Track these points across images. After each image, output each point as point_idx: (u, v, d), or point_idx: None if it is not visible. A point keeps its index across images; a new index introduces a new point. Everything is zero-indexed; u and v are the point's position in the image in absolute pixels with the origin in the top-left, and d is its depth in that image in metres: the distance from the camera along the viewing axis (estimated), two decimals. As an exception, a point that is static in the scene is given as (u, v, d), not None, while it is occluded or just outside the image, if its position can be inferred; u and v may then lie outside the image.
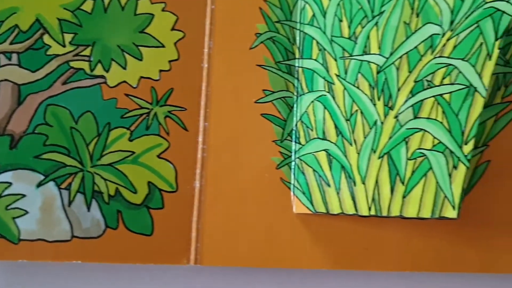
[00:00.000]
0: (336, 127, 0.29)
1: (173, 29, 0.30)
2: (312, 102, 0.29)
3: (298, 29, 0.30)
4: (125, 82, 0.29)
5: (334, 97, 0.29)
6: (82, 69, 0.29)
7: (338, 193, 0.28)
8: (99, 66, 0.29)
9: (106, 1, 0.29)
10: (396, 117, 0.27)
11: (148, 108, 0.29)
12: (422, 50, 0.27)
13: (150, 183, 0.28)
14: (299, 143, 0.29)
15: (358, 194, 0.28)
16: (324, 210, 0.28)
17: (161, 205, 0.28)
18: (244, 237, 0.29)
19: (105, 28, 0.29)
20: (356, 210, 0.28)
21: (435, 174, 0.26)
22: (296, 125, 0.30)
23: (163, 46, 0.29)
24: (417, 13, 0.28)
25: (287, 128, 0.30)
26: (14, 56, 0.28)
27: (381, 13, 0.28)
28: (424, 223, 0.29)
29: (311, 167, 0.29)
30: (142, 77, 0.29)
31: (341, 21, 0.29)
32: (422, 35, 0.27)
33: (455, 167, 0.26)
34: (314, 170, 0.29)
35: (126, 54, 0.29)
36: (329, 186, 0.28)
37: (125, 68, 0.29)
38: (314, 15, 0.30)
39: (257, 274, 0.30)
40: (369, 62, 0.28)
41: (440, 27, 0.27)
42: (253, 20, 0.30)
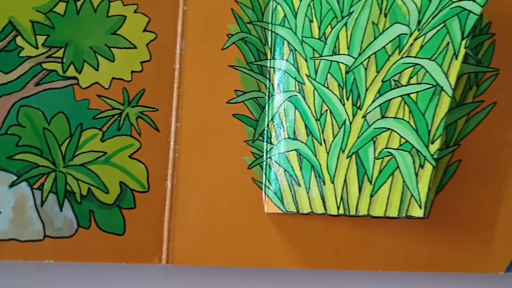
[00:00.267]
0: (306, 127, 0.29)
1: (145, 30, 0.30)
2: (283, 102, 0.30)
3: (269, 29, 0.31)
4: (97, 83, 0.29)
5: (304, 97, 0.29)
6: (55, 70, 0.29)
7: (308, 192, 0.29)
8: (72, 67, 0.29)
9: (79, 3, 0.30)
10: (364, 116, 0.28)
11: (120, 109, 0.29)
12: (389, 50, 0.28)
13: (122, 183, 0.29)
14: (271, 143, 0.30)
15: (327, 194, 0.28)
16: (294, 210, 0.29)
17: (133, 205, 0.29)
18: (215, 236, 0.29)
19: (77, 30, 0.30)
20: (325, 210, 0.28)
21: (402, 173, 0.27)
22: (267, 125, 0.30)
23: (135, 48, 0.30)
24: (385, 13, 0.28)
25: (259, 128, 0.30)
26: (-12, 58, 0.29)
27: (350, 13, 0.29)
28: (395, 222, 0.29)
29: (282, 167, 0.29)
30: (114, 78, 0.30)
31: (311, 21, 0.30)
32: (390, 35, 0.28)
33: (422, 166, 0.26)
34: (285, 170, 0.29)
35: (98, 56, 0.30)
36: (299, 185, 0.29)
37: (97, 69, 0.30)
38: (285, 16, 0.30)
39: (228, 274, 0.30)
40: (338, 62, 0.29)
41: (407, 27, 0.28)
42: (225, 21, 0.31)
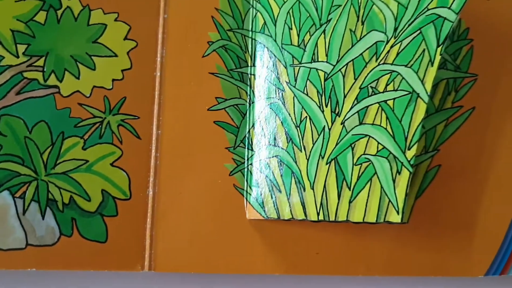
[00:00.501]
0: (286, 134, 0.30)
1: (125, 38, 0.31)
2: (263, 109, 0.30)
3: (250, 37, 0.32)
4: (78, 91, 0.30)
5: (284, 104, 0.30)
6: (36, 79, 0.30)
7: (288, 198, 0.29)
8: (53, 76, 0.30)
9: (59, 12, 0.30)
10: (342, 123, 0.28)
11: (101, 117, 0.30)
12: (367, 57, 0.29)
13: (104, 191, 0.29)
14: (252, 150, 0.30)
15: (307, 200, 0.29)
16: (275, 216, 0.29)
17: (115, 212, 0.29)
18: (197, 243, 0.30)
19: (58, 38, 0.30)
20: (305, 216, 0.29)
21: (380, 179, 0.27)
22: (248, 132, 0.31)
23: (116, 56, 0.31)
24: (362, 20, 0.29)
25: (240, 135, 0.31)
26: (-31, 67, 0.30)
27: (328, 21, 0.30)
28: (375, 227, 0.30)
29: (263, 174, 0.30)
30: (95, 86, 0.30)
31: (290, 29, 0.30)
32: (367, 42, 0.29)
33: (399, 172, 0.27)
34: (266, 176, 0.30)
35: (79, 64, 0.30)
36: (280, 192, 0.29)
37: (78, 78, 0.30)
38: (265, 23, 0.31)
39: (211, 280, 0.31)
40: (317, 69, 0.29)
41: (384, 34, 0.28)
42: (205, 28, 0.31)
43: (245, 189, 0.30)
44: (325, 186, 0.29)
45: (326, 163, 0.29)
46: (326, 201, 0.28)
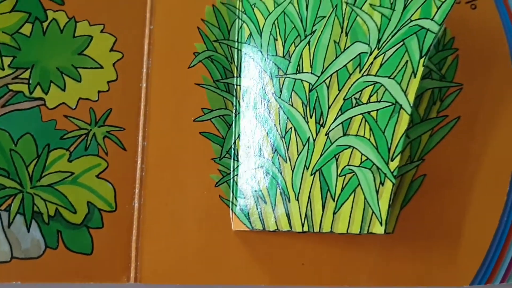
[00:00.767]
0: (272, 144, 0.30)
1: (111, 50, 0.31)
2: (249, 119, 0.31)
3: (236, 47, 0.32)
4: (64, 103, 0.30)
5: (270, 114, 0.30)
6: (21, 91, 0.30)
7: (274, 210, 0.29)
8: (38, 88, 0.30)
9: (45, 24, 0.31)
10: (327, 134, 0.29)
11: (87, 128, 0.30)
12: (351, 68, 0.29)
13: (89, 203, 0.30)
14: (238, 161, 0.31)
15: (292, 211, 0.29)
16: (260, 227, 0.30)
17: (100, 224, 0.30)
18: (183, 254, 0.30)
19: (44, 51, 0.30)
20: (290, 227, 0.29)
21: (363, 191, 0.28)
22: (234, 142, 0.31)
23: (102, 67, 0.31)
24: (346, 32, 0.29)
25: (226, 145, 0.31)
26: (-45, 79, 0.30)
27: (313, 32, 0.30)
28: (361, 237, 0.30)
29: (249, 185, 0.30)
30: (81, 98, 0.31)
31: (276, 40, 0.31)
32: (350, 54, 0.29)
33: (382, 184, 0.27)
34: (252, 188, 0.30)
35: (65, 76, 0.30)
36: (265, 203, 0.30)
37: (64, 90, 0.30)
38: (251, 34, 0.31)
39: (197, 291, 0.31)
40: (302, 80, 0.30)
41: (367, 46, 0.29)
42: (191, 39, 0.32)
43: (230, 200, 0.31)
44: (309, 197, 0.29)
45: (311, 174, 0.29)
46: (310, 212, 0.29)
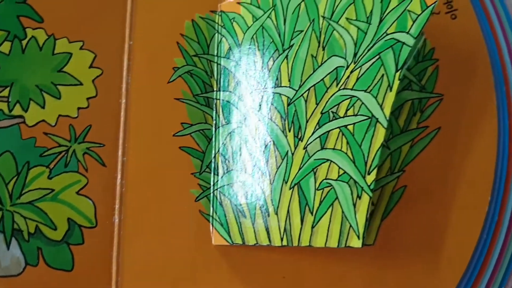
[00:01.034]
0: (251, 158, 0.30)
1: (91, 66, 0.32)
2: (229, 134, 0.31)
3: (215, 62, 0.32)
4: (43, 121, 0.31)
5: (249, 128, 0.31)
6: (1, 110, 0.31)
7: (253, 224, 0.30)
8: (18, 106, 0.31)
9: (24, 42, 0.31)
10: (305, 148, 0.29)
11: (66, 145, 0.31)
12: (328, 82, 0.29)
13: (70, 220, 0.30)
14: (218, 175, 0.31)
15: (271, 225, 0.29)
16: (240, 242, 0.30)
17: (81, 240, 0.30)
18: (164, 270, 0.30)
19: (23, 68, 0.31)
20: (269, 241, 0.29)
21: (341, 204, 0.28)
22: (214, 157, 0.31)
23: (81, 84, 0.31)
24: (323, 46, 0.30)
25: (206, 160, 0.32)
26: None
27: (290, 46, 0.30)
28: (341, 250, 0.31)
29: (229, 199, 0.31)
30: (60, 115, 0.31)
31: (254, 54, 0.31)
32: (327, 68, 0.29)
33: (359, 197, 0.28)
34: (231, 202, 0.31)
35: (44, 94, 0.31)
36: (245, 217, 0.30)
37: (43, 107, 0.31)
38: (230, 48, 0.32)
39: (178, 306, 0.32)
40: (280, 94, 0.30)
41: (344, 60, 0.29)
42: (170, 54, 0.32)
43: (211, 214, 0.31)
44: (288, 211, 0.29)
45: (290, 188, 0.29)
46: (289, 226, 0.29)
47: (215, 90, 0.32)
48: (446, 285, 0.31)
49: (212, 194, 0.31)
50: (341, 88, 0.29)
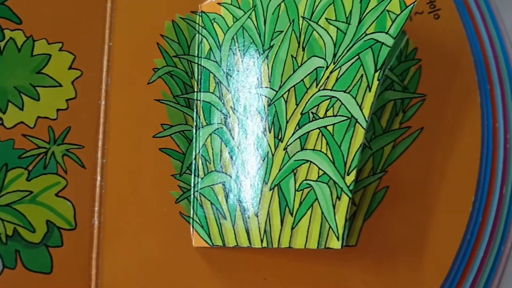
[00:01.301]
0: (231, 160, 0.31)
1: (70, 68, 0.32)
2: (210, 135, 0.32)
3: (196, 62, 0.33)
4: (22, 122, 0.31)
5: (230, 129, 0.31)
6: (-21, 111, 0.31)
7: (233, 225, 0.30)
8: (-4, 108, 0.31)
9: (2, 43, 0.31)
10: (285, 149, 0.30)
11: (45, 147, 0.31)
12: (308, 83, 0.30)
13: (48, 222, 0.30)
14: (198, 176, 0.31)
15: (251, 227, 0.30)
16: (220, 243, 0.30)
17: (60, 243, 0.30)
18: (144, 272, 0.31)
19: (1, 70, 0.31)
20: (249, 243, 0.30)
21: (321, 205, 0.28)
22: (195, 158, 0.32)
23: (61, 86, 0.32)
24: (303, 46, 0.30)
25: (186, 161, 0.32)
26: None
27: (271, 46, 0.31)
28: (322, 250, 0.31)
29: (209, 200, 0.31)
30: (39, 117, 0.31)
31: (235, 54, 0.32)
32: (307, 68, 0.30)
33: (339, 198, 0.28)
34: (212, 203, 0.31)
35: (23, 95, 0.31)
36: (225, 219, 0.30)
37: (22, 109, 0.31)
38: (210, 49, 0.32)
39: (159, 308, 0.32)
40: (260, 95, 0.30)
41: (324, 60, 0.29)
42: (150, 55, 0.33)
43: (191, 216, 0.31)
44: (268, 213, 0.30)
45: (270, 189, 0.30)
46: (269, 228, 0.29)
47: (196, 91, 0.33)
48: (429, 286, 0.31)
49: (192, 196, 0.32)
50: (320, 88, 0.30)
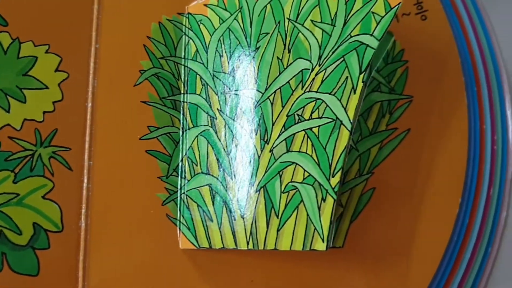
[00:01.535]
0: (218, 162, 0.31)
1: (57, 70, 0.32)
2: (196, 137, 0.32)
3: (182, 64, 0.33)
4: (8, 125, 0.31)
5: (216, 131, 0.31)
6: (-35, 114, 0.31)
7: (220, 228, 0.30)
8: (-18, 110, 0.31)
9: (-11, 45, 0.32)
10: (271, 150, 0.30)
11: (32, 149, 0.31)
12: (293, 84, 0.30)
13: (35, 224, 0.31)
14: (185, 178, 0.32)
15: (237, 228, 0.30)
16: (207, 245, 0.31)
17: (47, 245, 0.31)
18: (131, 274, 0.31)
19: (-13, 72, 0.32)
20: (235, 245, 0.30)
21: (306, 207, 0.29)
22: (181, 160, 0.32)
23: (47, 88, 0.32)
24: (289, 48, 0.30)
25: (173, 163, 0.32)
26: None
27: (257, 48, 0.31)
28: (309, 252, 0.31)
29: (196, 202, 0.31)
30: (26, 119, 0.32)
31: (221, 56, 0.32)
32: (293, 70, 0.30)
33: (324, 200, 0.29)
34: (198, 205, 0.31)
35: (9, 98, 0.32)
36: (212, 221, 0.31)
37: (8, 111, 0.31)
38: (197, 51, 0.33)
39: (145, 310, 0.32)
40: (246, 97, 0.31)
41: (309, 62, 0.30)
42: (137, 57, 0.33)
43: (178, 218, 0.32)
44: (254, 215, 0.30)
45: (256, 191, 0.30)
46: (255, 230, 0.30)
47: (182, 92, 0.33)
48: (415, 287, 0.32)
49: (179, 198, 0.32)
50: (306, 90, 0.30)
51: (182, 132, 0.33)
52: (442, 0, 0.36)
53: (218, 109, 0.32)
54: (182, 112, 0.33)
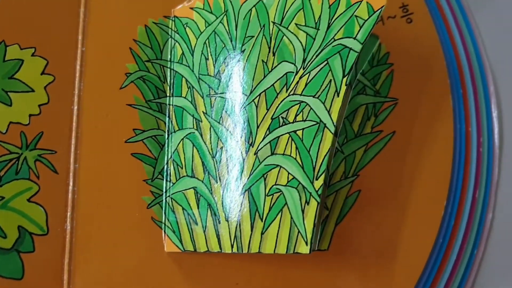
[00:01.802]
0: (203, 165, 0.31)
1: (43, 73, 0.33)
2: (182, 139, 0.32)
3: (168, 67, 0.33)
4: (-6, 128, 0.32)
5: (201, 134, 0.32)
6: (-50, 117, 0.32)
7: (204, 231, 0.31)
8: (-32, 113, 0.32)
9: (-26, 48, 0.32)
10: (256, 153, 0.30)
11: (17, 152, 0.32)
12: (278, 87, 0.31)
13: (20, 227, 0.31)
14: (170, 182, 0.32)
15: (222, 232, 0.30)
16: (192, 248, 0.31)
17: (32, 248, 0.31)
18: (116, 277, 0.31)
19: (-27, 75, 0.32)
20: (220, 248, 0.30)
21: (290, 210, 0.29)
22: (167, 163, 0.32)
23: (33, 91, 0.32)
24: (273, 51, 0.31)
25: (158, 166, 0.33)
26: None
27: (242, 51, 0.31)
28: (293, 255, 0.32)
29: (181, 206, 0.32)
30: (11, 122, 0.32)
31: (207, 59, 0.32)
32: (278, 73, 0.31)
33: (307, 203, 0.29)
34: (183, 209, 0.32)
35: (-5, 100, 0.32)
36: (196, 224, 0.31)
37: (-7, 114, 0.32)
38: (183, 54, 0.33)
39: (131, 313, 0.33)
40: (232, 99, 0.31)
41: (293, 65, 0.30)
42: (123, 60, 0.33)
43: (163, 221, 0.32)
44: (239, 218, 0.30)
45: (241, 194, 0.31)
46: (240, 233, 0.30)
47: (168, 95, 0.34)
48: (400, 290, 0.32)
49: (164, 201, 0.32)
50: (290, 93, 0.30)
51: (168, 135, 0.33)
52: (428, 2, 0.36)
53: (203, 112, 0.32)
54: (167, 115, 0.33)
